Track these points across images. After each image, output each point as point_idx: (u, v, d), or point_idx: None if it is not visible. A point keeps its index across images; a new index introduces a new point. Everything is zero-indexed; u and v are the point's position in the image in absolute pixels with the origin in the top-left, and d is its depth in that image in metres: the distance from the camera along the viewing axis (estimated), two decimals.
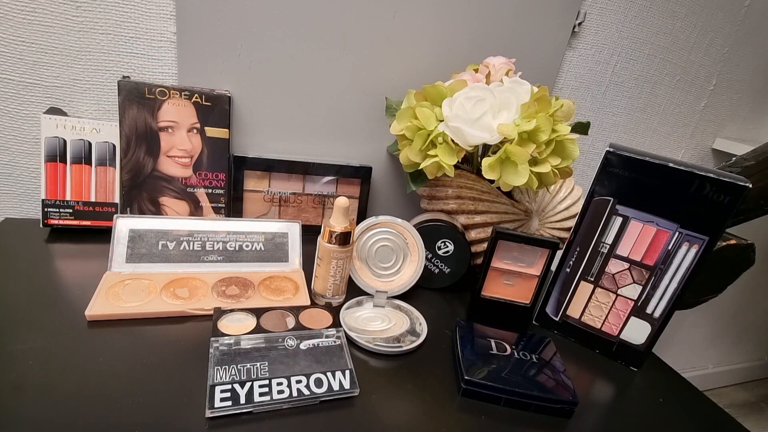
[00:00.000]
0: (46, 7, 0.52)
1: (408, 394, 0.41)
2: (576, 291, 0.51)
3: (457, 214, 0.58)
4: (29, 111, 0.56)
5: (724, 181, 0.42)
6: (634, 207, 0.47)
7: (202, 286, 0.50)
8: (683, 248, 0.45)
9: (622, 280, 0.49)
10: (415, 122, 0.50)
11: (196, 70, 0.58)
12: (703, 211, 0.43)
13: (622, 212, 0.47)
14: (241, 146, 0.64)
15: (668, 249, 0.46)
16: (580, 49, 0.73)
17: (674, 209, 0.45)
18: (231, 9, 0.56)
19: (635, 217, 0.47)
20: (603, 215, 0.48)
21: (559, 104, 0.49)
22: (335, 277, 0.49)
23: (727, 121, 0.91)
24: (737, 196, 0.42)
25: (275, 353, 0.41)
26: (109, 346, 0.40)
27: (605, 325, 0.50)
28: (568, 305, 0.52)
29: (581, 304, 0.51)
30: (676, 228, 0.45)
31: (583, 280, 0.51)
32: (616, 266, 0.49)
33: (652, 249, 0.47)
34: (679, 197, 0.44)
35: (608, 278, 0.49)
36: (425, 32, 0.63)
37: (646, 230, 0.47)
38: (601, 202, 0.48)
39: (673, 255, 0.46)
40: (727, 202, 0.42)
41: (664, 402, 0.45)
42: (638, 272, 0.48)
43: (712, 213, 0.43)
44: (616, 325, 0.50)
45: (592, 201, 0.48)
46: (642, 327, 0.48)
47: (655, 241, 0.46)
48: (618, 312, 0.49)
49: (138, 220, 0.52)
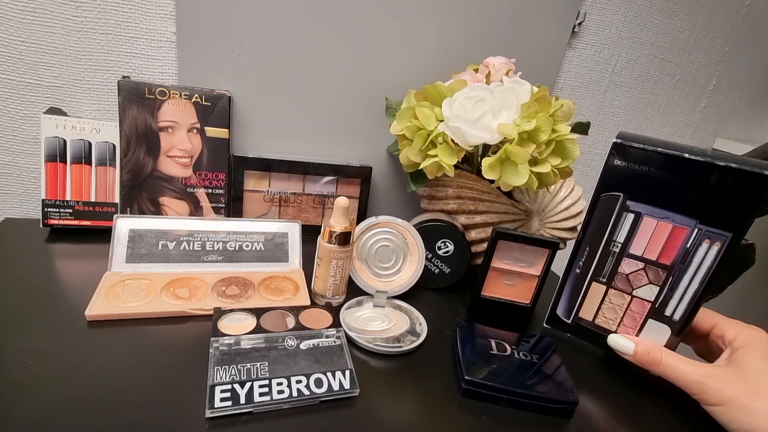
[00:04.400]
0: (46, 7, 0.52)
1: (408, 394, 0.41)
2: (588, 292, 0.49)
3: (457, 214, 0.58)
4: (29, 111, 0.56)
5: (747, 170, 0.37)
6: (647, 202, 0.43)
7: (202, 286, 0.50)
8: (704, 246, 0.41)
9: (637, 280, 0.45)
10: (415, 122, 0.50)
11: (196, 70, 0.58)
12: (725, 205, 0.39)
13: (634, 208, 0.44)
14: (241, 146, 0.64)
15: (687, 247, 0.42)
16: (580, 49, 0.73)
17: (692, 204, 0.41)
18: (231, 9, 0.56)
19: (649, 213, 0.43)
20: (613, 212, 0.45)
21: (559, 104, 0.49)
22: (335, 277, 0.49)
23: (727, 121, 0.91)
24: (764, 187, 0.37)
25: (275, 353, 0.41)
26: (109, 346, 0.40)
27: (621, 328, 0.48)
28: (580, 307, 0.49)
29: (594, 306, 0.49)
30: (695, 224, 0.41)
31: (594, 281, 0.48)
32: (629, 266, 0.45)
33: (668, 247, 0.43)
34: (698, 190, 0.40)
35: (622, 279, 0.46)
36: (425, 32, 0.63)
37: (661, 227, 0.43)
38: (610, 198, 0.45)
39: (692, 253, 0.42)
40: (752, 194, 0.38)
41: (665, 402, 0.45)
42: (654, 272, 0.44)
43: (735, 206, 0.39)
44: (632, 328, 0.47)
45: (600, 197, 0.45)
46: (661, 329, 0.45)
47: (672, 238, 0.43)
48: (633, 314, 0.46)
49: (138, 220, 0.52)
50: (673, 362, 0.40)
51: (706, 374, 0.38)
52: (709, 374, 0.38)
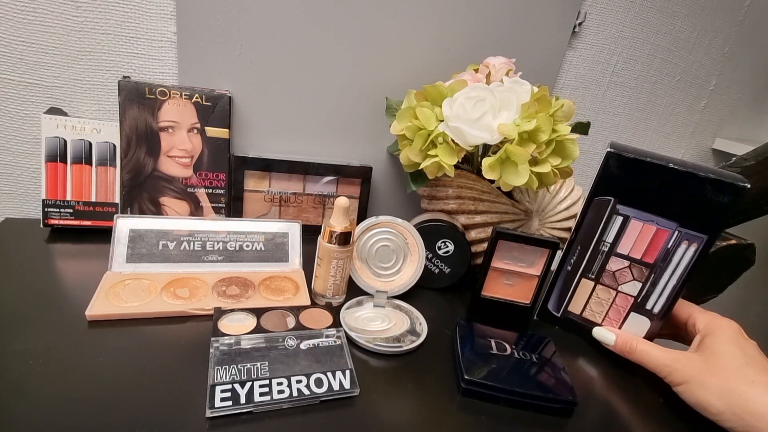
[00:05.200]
0: (47, 7, 0.52)
1: (408, 393, 0.41)
2: (577, 288, 0.52)
3: (458, 214, 0.58)
4: (30, 111, 0.56)
5: (724, 181, 0.43)
6: (635, 206, 0.47)
7: (202, 286, 0.50)
8: (682, 246, 0.46)
9: (622, 277, 0.49)
10: (416, 122, 0.50)
11: (197, 70, 0.58)
12: (702, 211, 0.44)
13: (623, 212, 0.48)
14: (241, 146, 0.64)
15: (668, 247, 0.47)
16: (580, 49, 0.73)
17: (674, 208, 0.45)
18: (231, 9, 0.56)
19: (636, 216, 0.47)
20: (604, 215, 0.48)
21: (559, 104, 0.49)
22: (335, 277, 0.49)
23: (727, 121, 0.91)
24: (737, 196, 0.43)
25: (275, 353, 0.41)
26: (110, 346, 0.40)
27: (606, 320, 0.51)
28: (569, 302, 0.53)
29: (582, 301, 0.52)
30: (676, 227, 0.46)
31: (584, 278, 0.51)
32: (616, 264, 0.49)
33: (652, 247, 0.47)
34: (679, 197, 0.45)
35: (609, 276, 0.50)
36: (425, 32, 0.63)
37: (646, 229, 0.47)
38: (602, 202, 0.48)
39: (672, 253, 0.47)
40: (726, 202, 0.43)
41: (665, 402, 0.45)
42: (638, 270, 0.48)
43: (711, 212, 0.44)
44: (616, 321, 0.51)
45: (593, 201, 0.48)
46: (641, 322, 0.49)
47: (655, 239, 0.47)
48: (618, 308, 0.50)
49: (138, 220, 0.52)
50: (646, 349, 0.45)
51: (673, 358, 0.43)
52: (676, 358, 0.43)
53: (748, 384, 0.37)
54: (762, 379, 0.37)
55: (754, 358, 0.40)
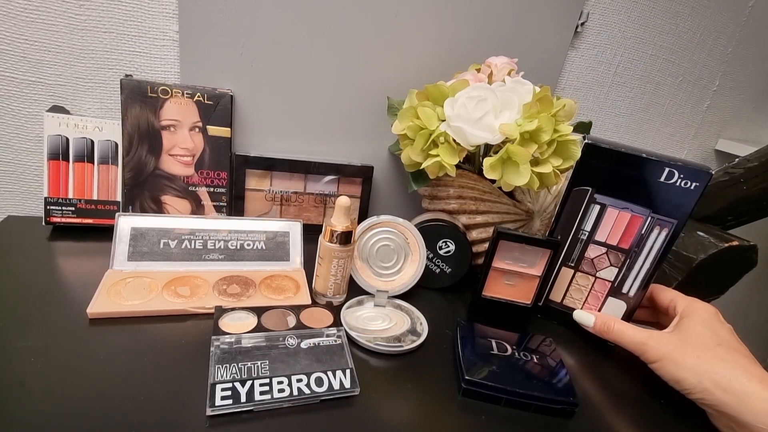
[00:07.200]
0: (49, 5, 0.52)
1: (408, 393, 0.41)
2: (558, 276, 0.54)
3: (459, 214, 0.58)
4: (32, 109, 0.57)
5: (690, 168, 0.46)
6: (611, 195, 0.49)
7: (203, 284, 0.50)
8: (655, 231, 0.49)
9: (600, 263, 0.52)
10: (417, 122, 0.50)
11: (199, 69, 0.58)
12: (672, 197, 0.47)
13: (600, 200, 0.50)
14: (242, 145, 0.64)
15: (642, 233, 0.49)
16: (582, 49, 0.73)
17: (647, 196, 0.48)
18: (233, 8, 0.56)
19: (612, 204, 0.50)
20: (582, 204, 0.50)
21: (561, 104, 0.49)
22: (336, 277, 0.49)
23: (730, 122, 0.90)
24: (702, 181, 0.46)
25: (276, 352, 0.41)
26: (111, 344, 0.40)
27: (585, 306, 0.54)
28: (550, 290, 0.55)
29: (563, 289, 0.54)
30: (649, 213, 0.48)
31: (564, 266, 0.53)
32: (594, 251, 0.52)
33: (627, 234, 0.50)
34: (652, 185, 0.47)
35: (587, 263, 0.52)
36: (427, 32, 0.63)
37: (622, 216, 0.50)
38: (581, 192, 0.50)
39: (646, 238, 0.49)
40: (693, 187, 0.46)
41: (665, 403, 0.45)
42: (615, 256, 0.51)
43: (680, 198, 0.47)
44: (594, 306, 0.53)
45: (572, 191, 0.50)
46: (618, 305, 0.52)
47: (630, 226, 0.50)
48: (596, 294, 0.53)
49: (140, 218, 0.52)
50: (622, 329, 0.47)
51: (648, 336, 0.45)
52: (650, 335, 0.45)
53: (719, 362, 0.40)
54: (732, 358, 0.40)
55: (726, 340, 0.42)
